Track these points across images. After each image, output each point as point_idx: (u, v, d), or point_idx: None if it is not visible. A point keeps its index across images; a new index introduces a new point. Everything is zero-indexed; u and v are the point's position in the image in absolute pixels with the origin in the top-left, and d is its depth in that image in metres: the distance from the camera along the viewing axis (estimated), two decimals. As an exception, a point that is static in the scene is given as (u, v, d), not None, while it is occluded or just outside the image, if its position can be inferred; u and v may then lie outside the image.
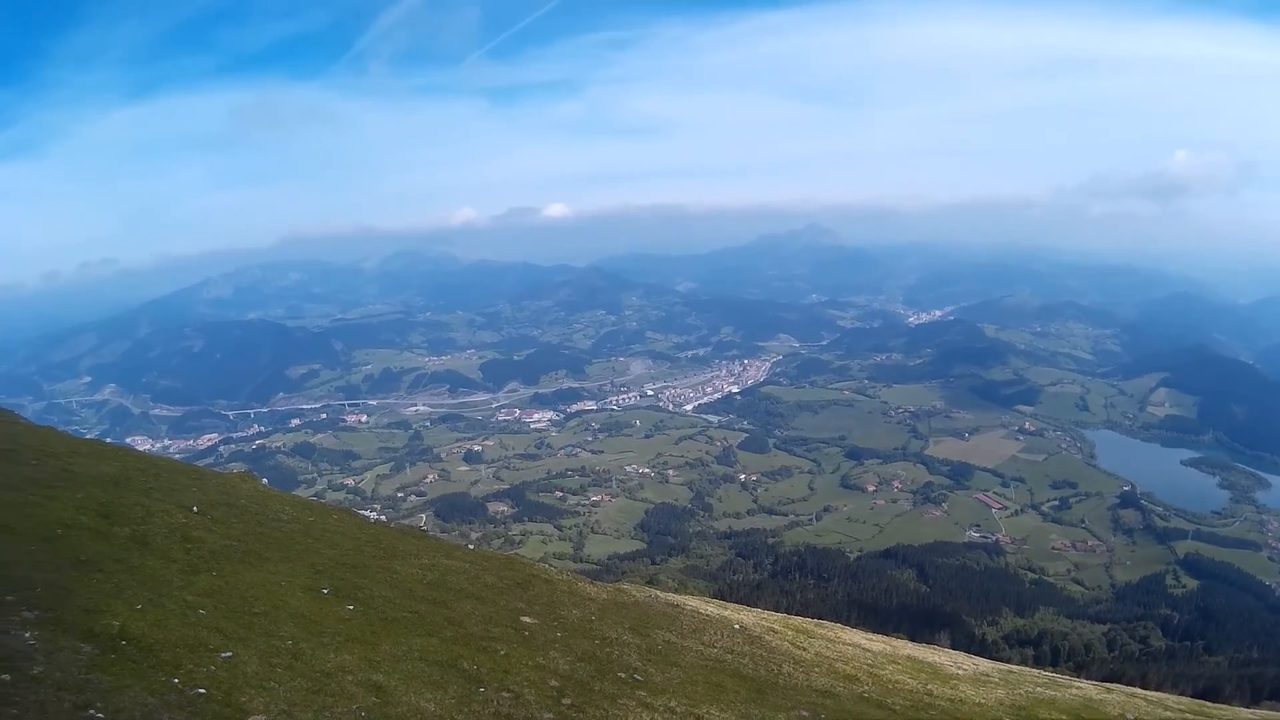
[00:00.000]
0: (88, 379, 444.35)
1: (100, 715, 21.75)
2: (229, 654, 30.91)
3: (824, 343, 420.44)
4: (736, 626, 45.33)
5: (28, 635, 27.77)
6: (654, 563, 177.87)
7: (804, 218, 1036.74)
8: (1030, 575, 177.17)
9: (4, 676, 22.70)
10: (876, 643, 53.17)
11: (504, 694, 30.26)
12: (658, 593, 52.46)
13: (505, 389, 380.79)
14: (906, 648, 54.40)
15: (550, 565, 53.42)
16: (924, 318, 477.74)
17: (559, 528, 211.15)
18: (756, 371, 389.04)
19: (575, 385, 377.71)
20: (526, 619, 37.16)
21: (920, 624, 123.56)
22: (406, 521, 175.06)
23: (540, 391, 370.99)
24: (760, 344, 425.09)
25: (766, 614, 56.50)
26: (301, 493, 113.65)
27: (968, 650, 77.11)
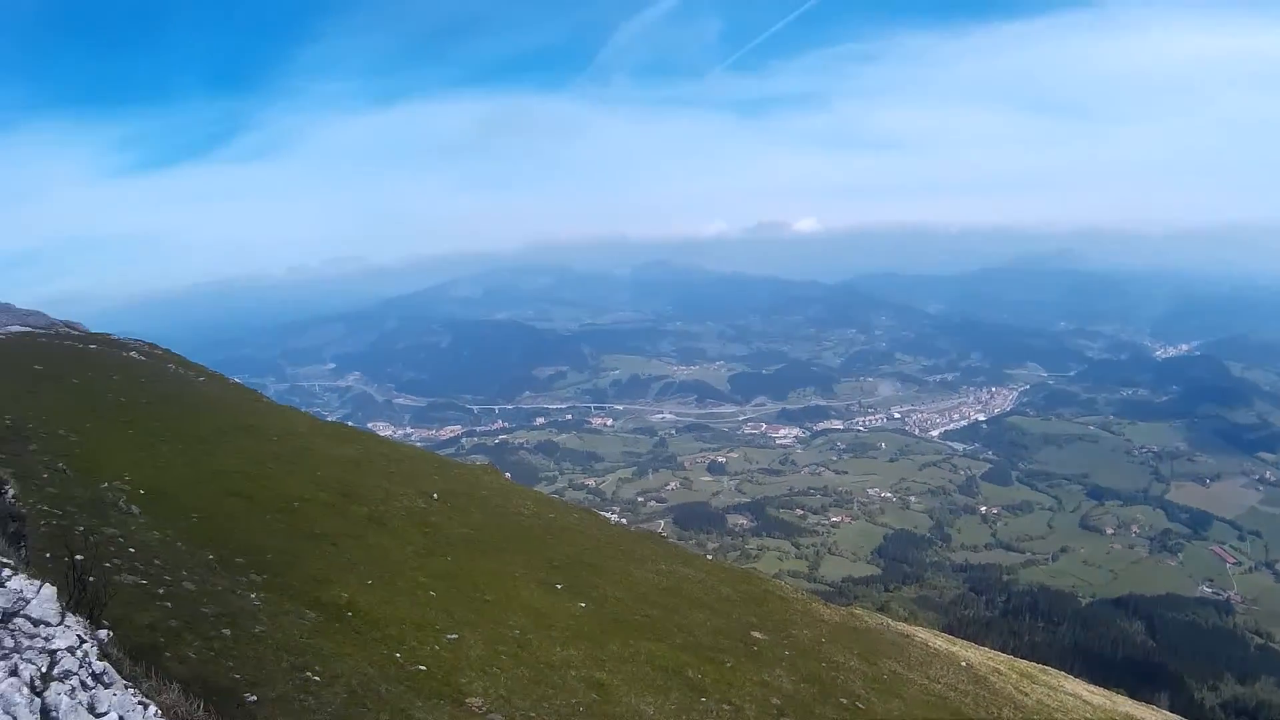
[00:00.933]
0: (332, 365, 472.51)
1: (316, 678, 22.46)
2: (455, 636, 31.63)
3: (1071, 373, 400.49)
4: (963, 664, 44.40)
5: (254, 596, 29.09)
6: (887, 589, 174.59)
7: (1052, 239, 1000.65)
8: (1257, 639, 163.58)
9: (225, 631, 23.76)
10: (1097, 695, 51.49)
11: (724, 706, 29.81)
12: (889, 621, 51.51)
13: (753, 402, 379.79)
14: (1125, 704, 52.26)
15: (785, 582, 52.77)
16: (1170, 351, 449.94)
17: (796, 545, 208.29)
18: (1003, 400, 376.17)
19: (823, 403, 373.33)
20: (757, 634, 36.64)
21: (1142, 680, 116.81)
22: (645, 526, 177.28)
23: (788, 407, 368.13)
24: (1008, 371, 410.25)
25: (993, 654, 55.11)
26: (542, 489, 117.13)
27: (1184, 715, 74.30)
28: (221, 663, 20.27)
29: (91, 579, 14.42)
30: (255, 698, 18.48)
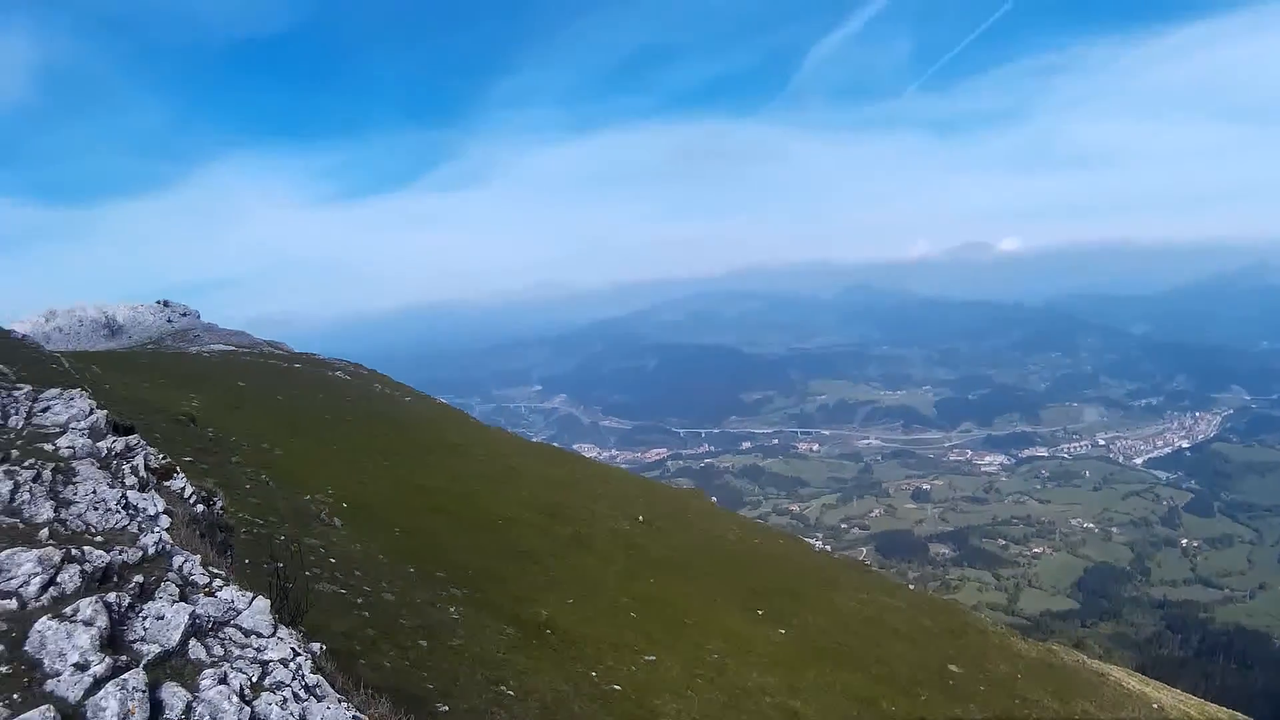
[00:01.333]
0: (538, 387, 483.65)
1: (510, 692, 22.75)
2: (652, 657, 31.75)
3: (1274, 396, 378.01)
4: (1154, 706, 43.16)
5: (453, 610, 29.76)
6: (1084, 625, 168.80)
7: (1250, 253, 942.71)
8: None
9: (421, 643, 24.32)
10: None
11: (915, 740, 29.39)
12: (1084, 658, 50.01)
13: (958, 428, 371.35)
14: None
15: (984, 615, 51.44)
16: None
17: (997, 577, 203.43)
18: (1207, 426, 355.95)
19: (1028, 429, 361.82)
20: (953, 667, 35.78)
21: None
22: (847, 553, 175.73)
23: (993, 434, 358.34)
24: (1212, 395, 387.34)
25: (1184, 696, 53.00)
26: (745, 514, 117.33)
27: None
28: (416, 673, 20.72)
29: (291, 586, 14.86)
30: (447, 708, 18.79)
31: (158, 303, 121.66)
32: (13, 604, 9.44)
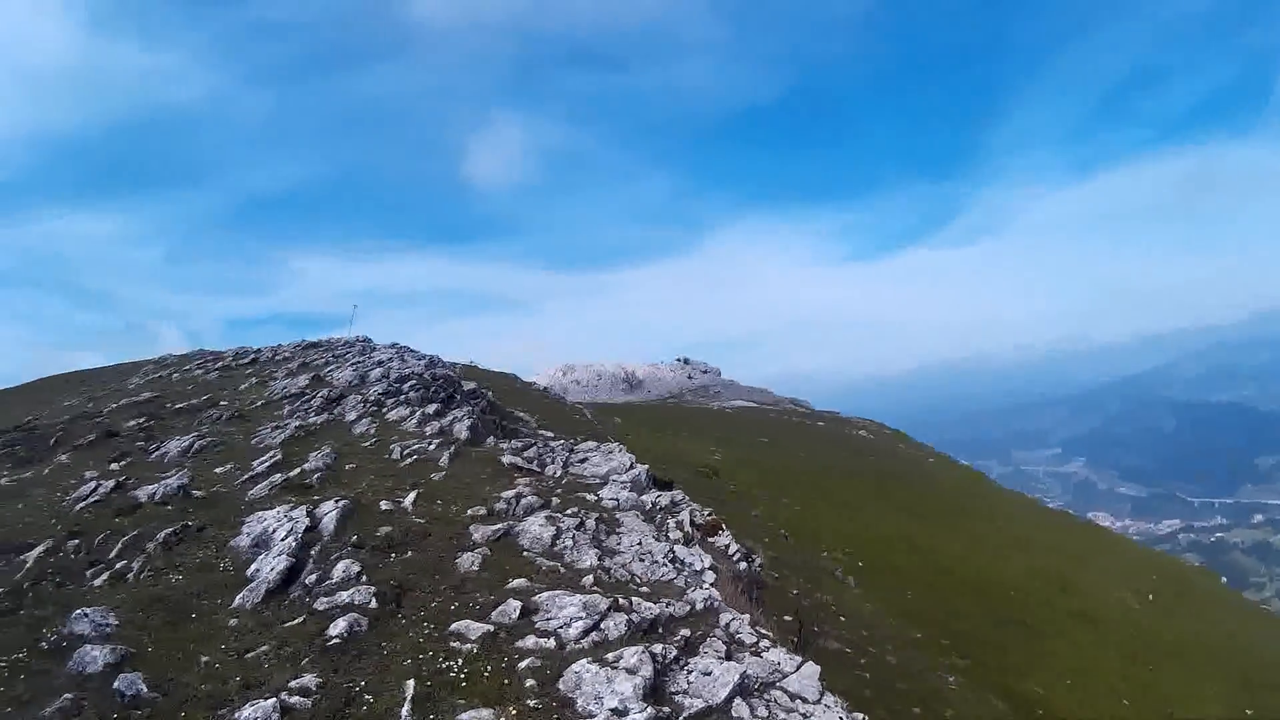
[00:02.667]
0: (1056, 450, 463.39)
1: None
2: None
3: None
4: None
5: (950, 679, 29.70)
6: None
7: None
8: None
9: (914, 710, 24.39)
10: None
11: None
12: None
13: None
14: None
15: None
16: None
17: None
18: None
19: None
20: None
21: None
22: None
23: None
24: None
25: None
26: (1249, 596, 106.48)
27: None
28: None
29: (804, 643, 15.51)
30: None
31: (677, 360, 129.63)
32: (550, 643, 10.72)
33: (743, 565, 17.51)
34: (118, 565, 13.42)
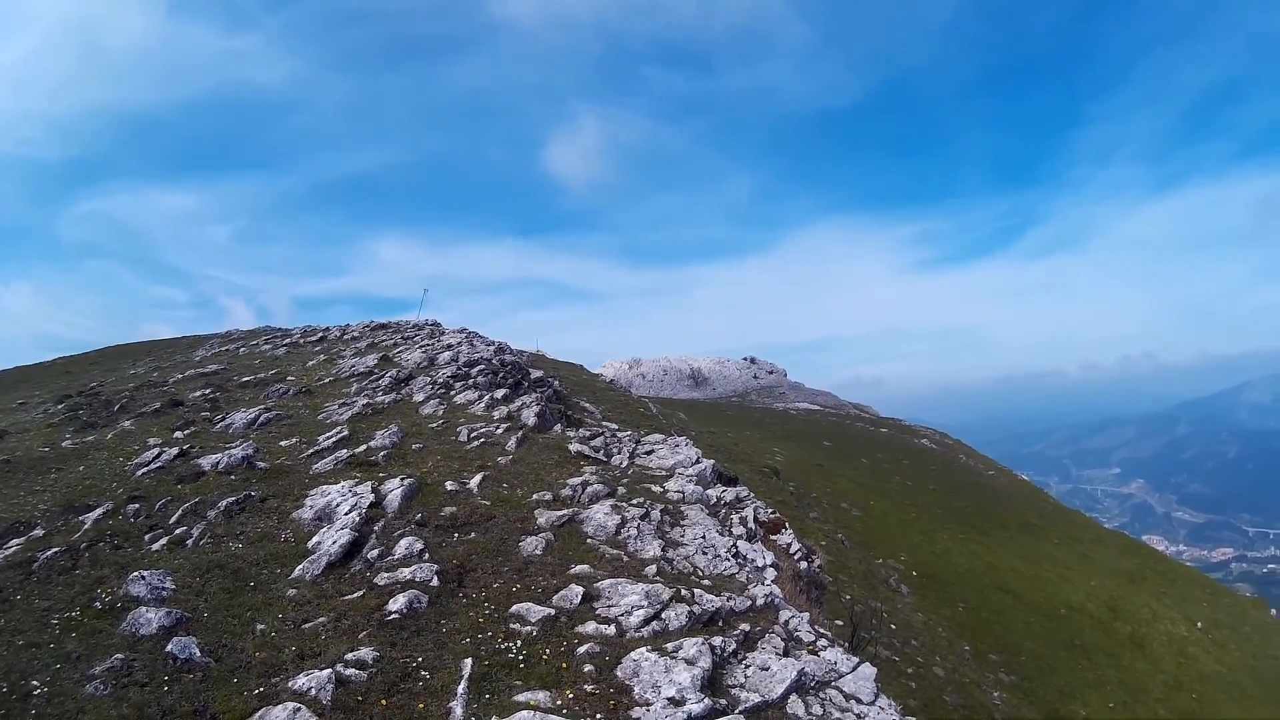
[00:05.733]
0: (1117, 470, 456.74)
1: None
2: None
3: None
4: None
5: (996, 695, 29.50)
6: None
7: None
8: None
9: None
10: None
11: None
12: None
13: None
14: None
15: None
16: None
17: None
18: None
19: None
20: None
21: None
22: None
23: None
24: None
25: None
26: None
27: None
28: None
29: (860, 650, 15.31)
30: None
31: (744, 359, 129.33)
32: (611, 630, 10.68)
33: (804, 565, 17.41)
34: (177, 531, 13.65)
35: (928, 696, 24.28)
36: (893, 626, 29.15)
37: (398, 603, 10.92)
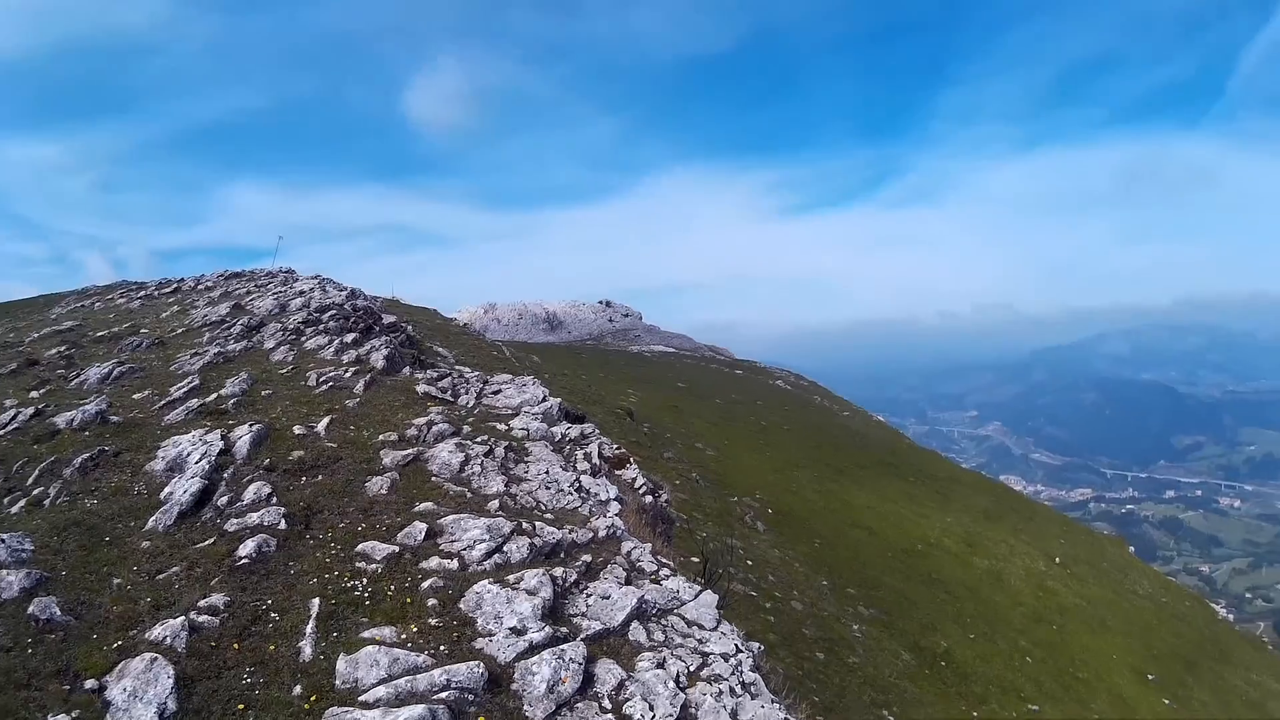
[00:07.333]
0: (973, 413, 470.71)
1: (891, 718, 23.24)
2: (1036, 708, 31.19)
3: None
4: None
5: (856, 628, 30.51)
6: None
7: None
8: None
9: (818, 655, 25.15)
10: None
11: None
12: None
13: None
14: None
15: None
16: None
17: None
18: None
19: None
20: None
21: None
22: (1247, 626, 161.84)
23: None
24: None
25: None
26: (1157, 569, 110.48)
27: None
28: (806, 683, 21.53)
29: (715, 582, 15.88)
30: (826, 722, 19.40)
31: (600, 302, 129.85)
32: (454, 564, 11.11)
33: (649, 499, 17.93)
34: (35, 491, 13.46)
35: (787, 630, 25.07)
36: (749, 563, 29.92)
37: (247, 548, 11.05)
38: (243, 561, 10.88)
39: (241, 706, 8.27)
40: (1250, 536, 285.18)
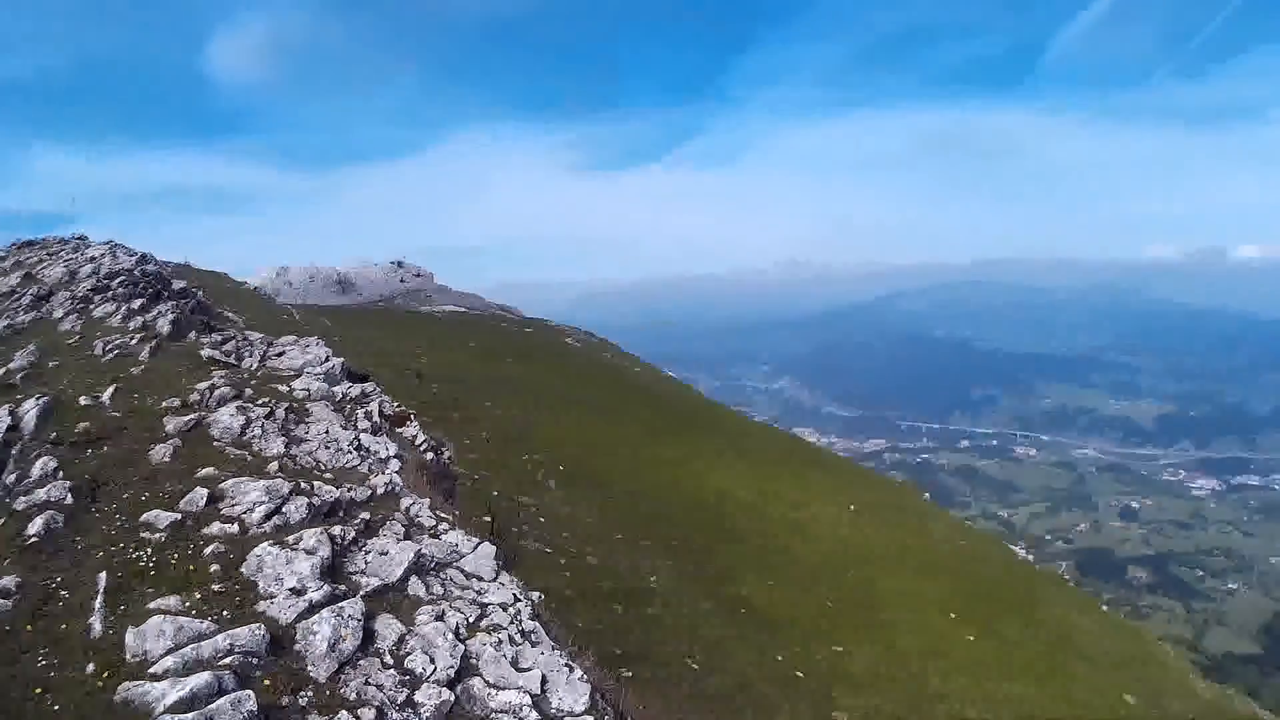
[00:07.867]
0: (766, 367, 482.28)
1: (696, 666, 23.83)
2: (840, 649, 32.38)
3: None
4: None
5: (654, 580, 31.15)
6: (1263, 673, 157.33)
7: None
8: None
9: (616, 608, 25.69)
10: None
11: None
12: (1258, 708, 47.80)
13: (1176, 446, 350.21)
14: None
15: (1168, 648, 49.89)
16: None
17: (1188, 609, 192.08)
18: None
19: (1245, 455, 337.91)
20: (1128, 698, 35.31)
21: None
22: (1048, 566, 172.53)
23: (1210, 456, 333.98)
24: None
25: None
26: (955, 514, 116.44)
27: None
28: (607, 635, 22.00)
29: (500, 541, 16.14)
30: (631, 674, 19.89)
31: (391, 263, 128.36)
32: (234, 528, 11.21)
33: (430, 456, 18.09)
34: None
35: (585, 585, 25.45)
36: (542, 520, 30.23)
37: (35, 525, 10.78)
38: (32, 540, 10.62)
39: (39, 690, 8.14)
40: (1047, 483, 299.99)
